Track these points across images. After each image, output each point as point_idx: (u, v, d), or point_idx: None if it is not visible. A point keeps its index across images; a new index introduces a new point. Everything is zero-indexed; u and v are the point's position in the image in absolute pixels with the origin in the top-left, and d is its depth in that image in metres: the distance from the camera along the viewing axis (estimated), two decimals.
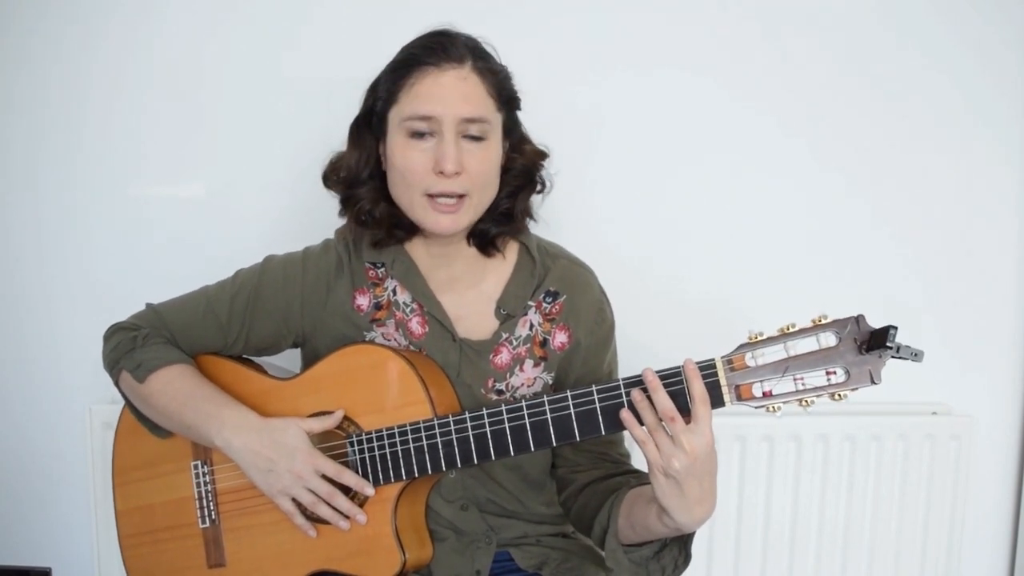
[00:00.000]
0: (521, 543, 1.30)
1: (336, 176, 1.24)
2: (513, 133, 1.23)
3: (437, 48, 1.15)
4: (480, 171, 1.16)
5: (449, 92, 1.13)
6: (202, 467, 1.27)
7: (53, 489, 1.79)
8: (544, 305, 1.26)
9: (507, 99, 1.20)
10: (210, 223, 1.71)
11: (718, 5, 1.66)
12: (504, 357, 1.25)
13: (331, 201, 1.27)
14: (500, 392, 1.25)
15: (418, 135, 1.14)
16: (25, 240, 1.74)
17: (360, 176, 1.21)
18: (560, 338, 1.26)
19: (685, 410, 1.01)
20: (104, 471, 1.66)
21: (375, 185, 1.21)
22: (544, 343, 1.26)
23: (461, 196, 1.15)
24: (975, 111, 1.70)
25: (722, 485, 1.65)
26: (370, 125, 1.21)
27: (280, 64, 1.67)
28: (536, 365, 1.26)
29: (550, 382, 1.27)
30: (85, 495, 1.73)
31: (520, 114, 1.24)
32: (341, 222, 1.30)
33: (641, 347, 1.44)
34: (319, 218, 1.32)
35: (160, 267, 1.71)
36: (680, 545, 1.13)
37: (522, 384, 1.25)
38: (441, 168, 1.13)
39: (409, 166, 1.15)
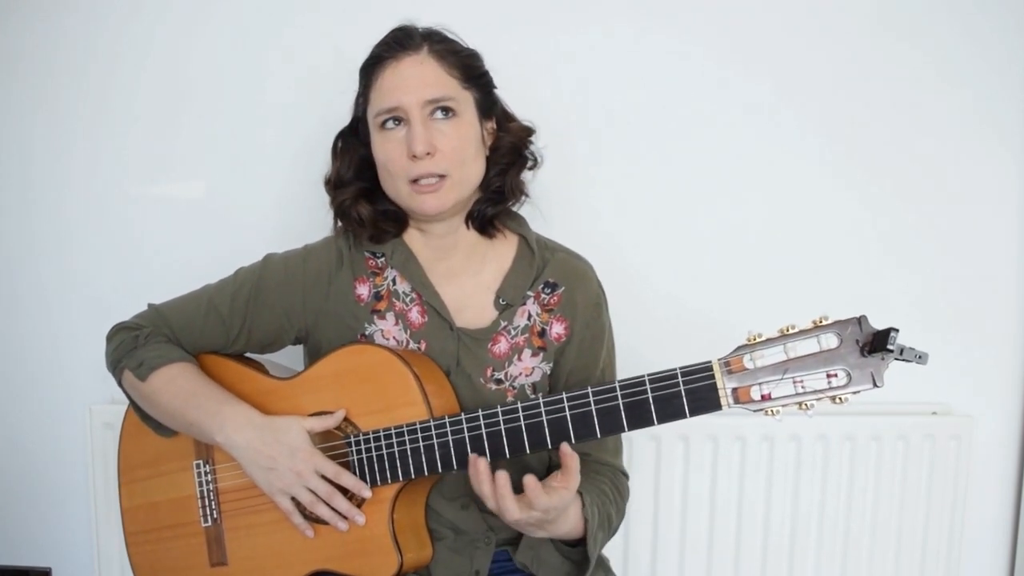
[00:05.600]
0: (520, 542, 1.30)
1: (327, 186, 1.29)
2: (492, 111, 1.25)
3: (393, 43, 1.20)
4: (453, 148, 1.18)
5: (408, 80, 1.17)
6: (204, 466, 1.27)
7: (53, 489, 1.79)
8: (543, 296, 1.27)
9: (475, 76, 1.23)
10: (208, 223, 1.71)
11: (734, 9, 1.66)
12: (502, 346, 1.25)
13: (328, 201, 1.28)
14: (499, 381, 1.25)
15: (389, 126, 1.19)
16: (24, 240, 1.74)
17: (343, 179, 1.27)
18: (557, 329, 1.27)
19: (674, 415, 1.03)
20: (104, 471, 1.66)
21: (358, 187, 1.25)
22: (543, 333, 1.26)
23: (442, 176, 1.18)
24: (975, 112, 1.70)
25: (722, 485, 1.67)
26: (357, 134, 1.26)
27: (277, 62, 1.67)
28: (535, 355, 1.26)
29: (548, 372, 1.28)
30: (85, 495, 1.73)
31: (506, 96, 1.27)
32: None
33: (631, 349, 1.43)
34: (316, 218, 1.32)
35: (159, 267, 1.71)
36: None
37: (520, 373, 1.26)
38: (413, 152, 1.16)
39: (388, 156, 1.19)
